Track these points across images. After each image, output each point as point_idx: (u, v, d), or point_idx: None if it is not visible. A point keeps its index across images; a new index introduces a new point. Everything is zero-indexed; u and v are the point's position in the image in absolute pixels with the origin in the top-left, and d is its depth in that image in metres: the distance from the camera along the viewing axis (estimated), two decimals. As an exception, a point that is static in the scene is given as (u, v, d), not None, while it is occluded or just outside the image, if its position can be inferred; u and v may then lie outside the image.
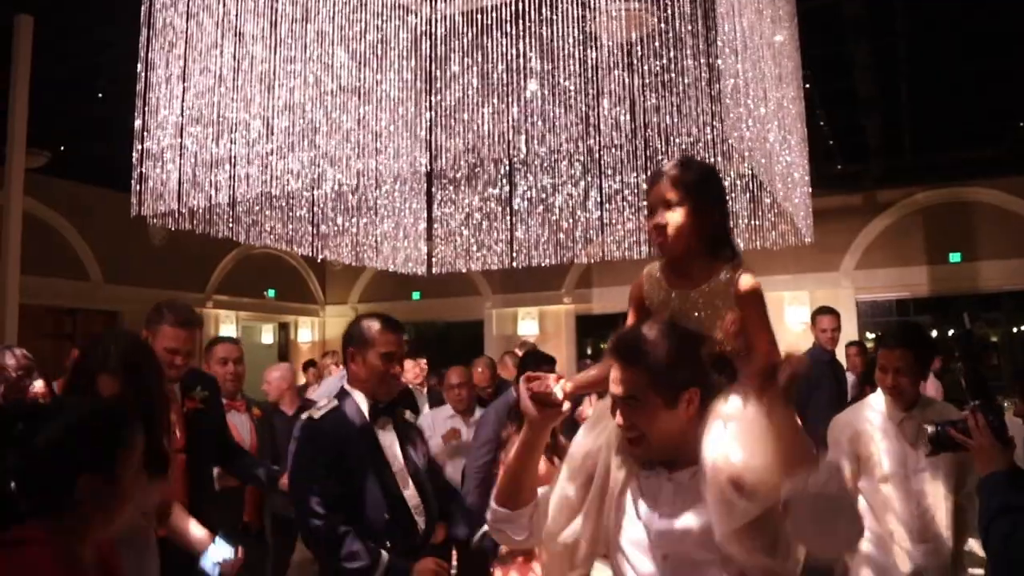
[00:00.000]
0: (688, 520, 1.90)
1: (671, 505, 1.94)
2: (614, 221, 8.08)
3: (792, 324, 12.51)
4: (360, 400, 3.41)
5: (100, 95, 8.91)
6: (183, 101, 5.06)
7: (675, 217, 2.11)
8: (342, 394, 3.46)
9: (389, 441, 3.41)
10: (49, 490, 1.71)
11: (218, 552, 3.46)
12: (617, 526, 2.00)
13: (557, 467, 2.18)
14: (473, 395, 6.61)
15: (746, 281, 2.10)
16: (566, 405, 2.11)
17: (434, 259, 8.88)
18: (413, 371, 6.56)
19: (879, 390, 3.78)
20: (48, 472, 1.71)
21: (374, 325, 3.45)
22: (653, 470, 2.00)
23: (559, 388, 2.09)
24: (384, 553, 3.13)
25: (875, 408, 3.77)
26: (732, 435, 1.87)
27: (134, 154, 5.10)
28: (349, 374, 3.52)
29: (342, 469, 3.24)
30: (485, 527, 2.28)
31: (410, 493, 3.34)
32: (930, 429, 3.03)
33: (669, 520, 1.93)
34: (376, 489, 3.24)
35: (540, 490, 2.14)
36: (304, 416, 3.42)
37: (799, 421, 1.93)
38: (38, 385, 4.13)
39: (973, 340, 12.82)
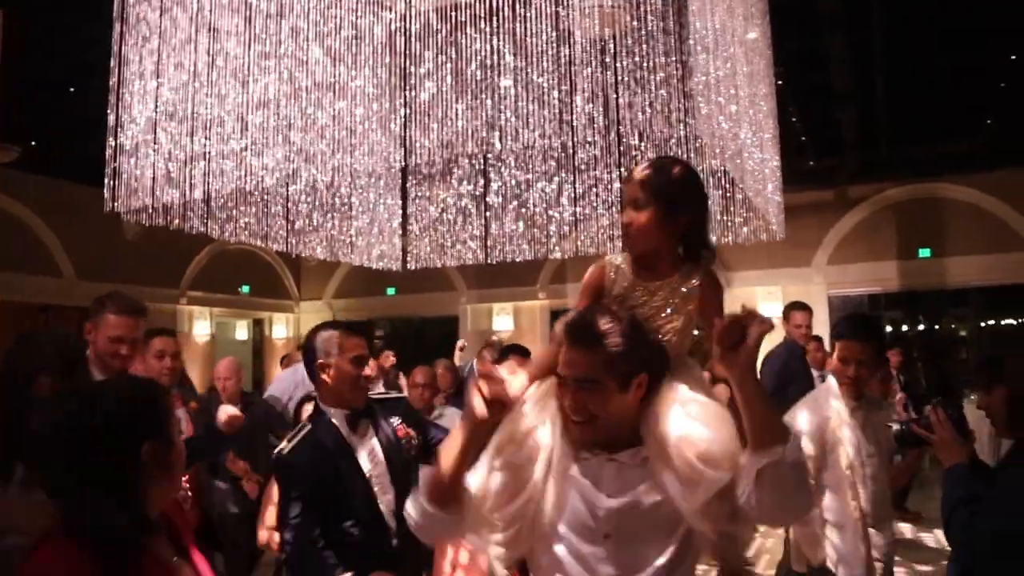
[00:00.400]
0: (632, 498, 1.97)
1: (614, 485, 1.99)
2: (588, 216, 8.14)
3: (765, 319, 12.63)
4: (336, 417, 3.35)
5: (72, 89, 8.85)
6: (157, 96, 5.05)
7: (640, 218, 2.15)
8: (318, 416, 3.40)
9: (369, 448, 3.36)
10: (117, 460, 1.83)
11: None
12: (557, 509, 2.02)
13: None
14: (434, 396, 6.56)
15: (709, 278, 2.18)
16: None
17: (409, 255, 8.91)
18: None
19: (831, 379, 3.89)
20: (113, 443, 1.82)
21: (335, 333, 3.38)
22: (592, 452, 2.04)
23: (516, 381, 2.08)
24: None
25: (836, 396, 3.86)
26: (692, 415, 1.97)
27: (107, 150, 5.08)
28: (321, 390, 3.42)
29: (326, 484, 3.20)
30: None
31: (388, 499, 3.31)
32: (895, 427, 3.17)
33: (613, 499, 1.98)
34: (349, 507, 3.21)
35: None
36: (276, 452, 3.36)
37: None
38: None
39: (935, 338, 13.04)
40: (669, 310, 2.15)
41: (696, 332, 2.23)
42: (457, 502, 2.01)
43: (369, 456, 3.33)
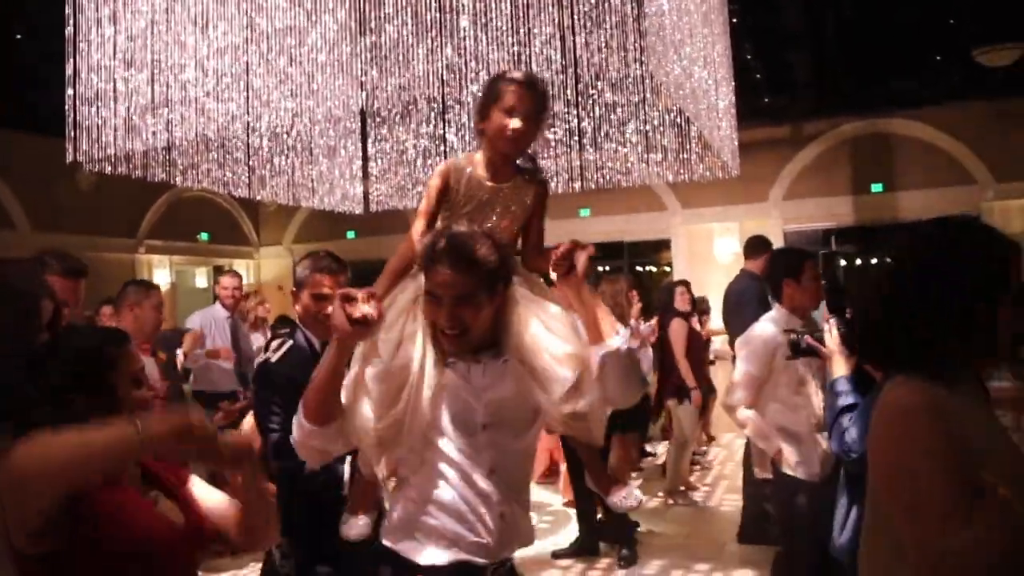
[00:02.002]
0: (500, 393, 2.27)
1: (483, 382, 2.27)
2: (546, 156, 8.19)
3: (721, 256, 12.83)
4: (311, 336, 3.44)
5: (19, 37, 8.68)
6: (115, 44, 5.01)
7: (531, 128, 2.45)
8: (295, 330, 3.49)
9: None
10: None
11: None
12: (436, 409, 2.25)
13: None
14: None
15: (545, 185, 2.62)
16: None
17: (371, 198, 8.94)
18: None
19: (777, 306, 4.37)
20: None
21: (308, 265, 3.47)
22: (458, 356, 2.28)
23: (371, 307, 2.17)
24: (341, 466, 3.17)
25: (784, 322, 4.26)
26: (548, 326, 2.32)
27: (66, 100, 5.05)
28: (297, 313, 3.55)
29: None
30: None
31: None
32: (792, 336, 3.50)
33: (485, 393, 2.27)
34: None
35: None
36: (260, 360, 3.43)
37: None
38: None
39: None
40: (507, 209, 2.49)
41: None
42: (333, 418, 2.24)
43: None
